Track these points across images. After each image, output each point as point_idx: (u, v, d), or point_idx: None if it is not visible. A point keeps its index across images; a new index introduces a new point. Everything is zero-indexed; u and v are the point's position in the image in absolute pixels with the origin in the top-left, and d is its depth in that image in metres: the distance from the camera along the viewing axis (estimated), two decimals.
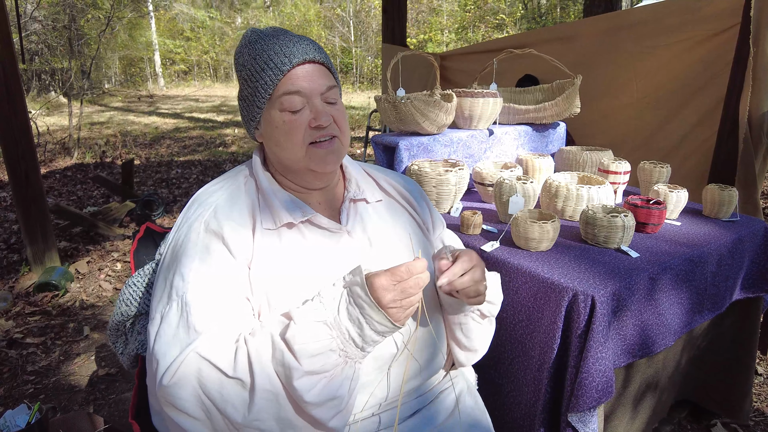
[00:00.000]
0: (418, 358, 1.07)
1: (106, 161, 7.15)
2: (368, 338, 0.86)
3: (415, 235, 1.15)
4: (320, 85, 0.99)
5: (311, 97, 0.98)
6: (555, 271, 1.44)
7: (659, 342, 1.53)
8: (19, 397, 2.32)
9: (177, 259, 0.96)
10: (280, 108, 0.98)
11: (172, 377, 0.84)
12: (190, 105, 14.35)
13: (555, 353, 1.39)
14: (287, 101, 0.97)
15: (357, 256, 1.04)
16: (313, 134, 0.99)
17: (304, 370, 0.82)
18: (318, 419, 0.85)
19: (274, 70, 0.96)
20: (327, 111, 0.99)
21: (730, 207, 1.90)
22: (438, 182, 1.87)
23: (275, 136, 1.00)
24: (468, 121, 2.23)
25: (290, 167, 1.03)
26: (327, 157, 1.00)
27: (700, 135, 2.93)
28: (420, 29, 18.24)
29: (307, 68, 0.98)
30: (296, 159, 1.00)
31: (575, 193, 1.81)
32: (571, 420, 1.38)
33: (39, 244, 3.41)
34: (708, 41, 2.84)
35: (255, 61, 0.98)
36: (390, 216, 1.14)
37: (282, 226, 1.00)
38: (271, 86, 0.97)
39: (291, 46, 0.97)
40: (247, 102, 1.03)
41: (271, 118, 1.00)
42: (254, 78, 0.98)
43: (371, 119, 5.91)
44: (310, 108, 0.98)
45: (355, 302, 0.86)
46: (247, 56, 1.00)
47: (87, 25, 10.89)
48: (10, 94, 3.11)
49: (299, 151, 0.99)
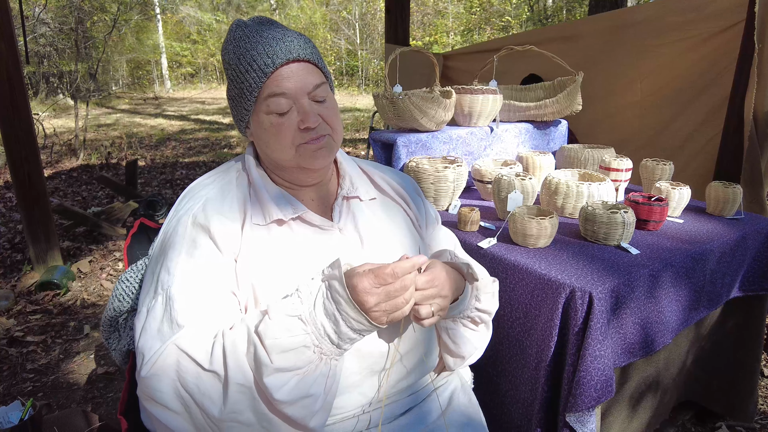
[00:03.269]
0: (408, 358, 1.05)
1: (111, 162, 7.18)
2: (344, 336, 0.83)
3: (409, 234, 1.13)
4: (306, 84, 0.96)
5: (297, 98, 0.95)
6: (552, 267, 1.42)
7: (658, 340, 1.50)
8: (18, 395, 2.32)
9: (164, 253, 0.95)
10: (267, 111, 0.95)
11: (151, 369, 0.82)
12: (196, 107, 14.42)
13: (552, 352, 1.37)
14: (273, 104, 0.94)
15: (347, 255, 1.01)
16: (303, 136, 0.96)
17: (274, 366, 0.79)
18: (291, 418, 0.82)
19: (257, 72, 0.93)
20: (315, 111, 0.97)
21: (734, 204, 1.86)
22: (436, 179, 1.85)
23: (264, 137, 0.98)
24: (467, 119, 2.21)
25: (281, 165, 1.01)
26: (317, 152, 0.98)
27: (705, 134, 2.89)
28: (425, 31, 18.23)
29: (293, 68, 0.95)
30: (286, 159, 0.98)
31: (575, 189, 1.78)
32: (568, 420, 1.35)
33: (42, 243, 3.42)
34: (712, 39, 2.81)
35: (239, 62, 0.95)
36: (385, 214, 1.12)
37: (272, 222, 0.98)
38: (255, 89, 0.94)
39: (274, 45, 0.93)
40: (235, 102, 1.00)
41: (259, 120, 0.98)
42: (239, 79, 0.96)
43: (374, 120, 5.90)
44: (298, 109, 0.96)
45: (332, 297, 0.82)
46: (232, 54, 0.97)
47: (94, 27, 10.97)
48: (14, 97, 3.13)
49: (289, 152, 0.97)
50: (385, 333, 1.00)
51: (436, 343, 1.13)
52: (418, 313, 0.90)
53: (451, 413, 1.13)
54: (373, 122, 5.81)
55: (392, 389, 1.04)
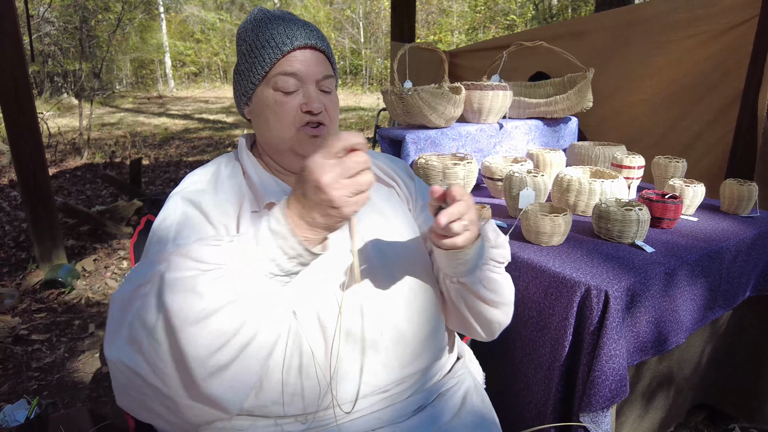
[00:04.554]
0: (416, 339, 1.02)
1: (115, 161, 7.19)
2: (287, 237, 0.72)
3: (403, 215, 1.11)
4: (317, 72, 0.99)
5: (306, 82, 0.98)
6: (567, 265, 1.39)
7: (672, 339, 1.48)
8: (23, 393, 2.30)
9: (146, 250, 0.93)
10: (274, 87, 0.97)
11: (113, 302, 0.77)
12: (199, 106, 14.43)
13: (566, 351, 1.34)
14: (282, 81, 0.97)
15: (341, 239, 0.99)
16: (303, 118, 0.98)
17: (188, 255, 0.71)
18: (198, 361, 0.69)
19: (274, 49, 0.96)
20: (320, 99, 0.99)
21: (749, 202, 1.83)
22: (445, 176, 1.82)
23: (265, 113, 0.99)
24: (477, 115, 2.18)
25: (275, 147, 1.01)
26: (314, 140, 0.99)
27: (716, 131, 2.85)
28: (430, 30, 18.20)
29: (307, 53, 0.98)
30: (283, 139, 0.99)
31: (588, 187, 1.75)
32: (582, 420, 1.32)
33: (46, 242, 3.41)
34: (724, 35, 2.77)
35: (257, 37, 0.98)
36: (378, 198, 1.11)
37: (265, 207, 0.97)
38: (268, 64, 0.97)
39: (295, 29, 0.97)
40: (242, 76, 1.02)
41: (263, 96, 0.99)
42: (253, 54, 0.98)
43: (379, 118, 5.87)
44: (304, 92, 0.98)
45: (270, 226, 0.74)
46: (250, 31, 1.00)
47: (98, 27, 10.99)
48: (19, 96, 3.12)
49: (287, 131, 0.98)
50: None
51: (441, 322, 1.09)
52: (452, 230, 0.82)
53: (464, 414, 1.10)
54: (378, 120, 5.78)
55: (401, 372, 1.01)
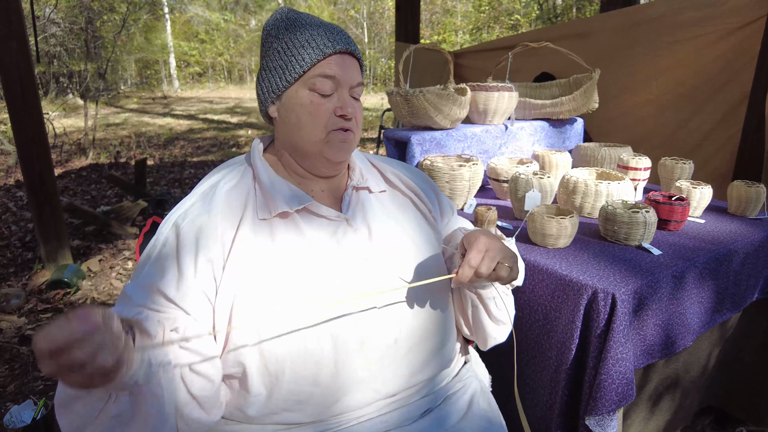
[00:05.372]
0: (422, 349, 1.02)
1: (120, 161, 7.21)
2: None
3: (418, 228, 1.11)
4: (353, 78, 1.00)
5: (343, 86, 0.98)
6: (573, 268, 1.39)
7: (679, 342, 1.47)
8: (29, 394, 2.31)
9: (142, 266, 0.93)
10: (311, 87, 0.97)
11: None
12: (204, 107, 14.46)
13: (573, 354, 1.33)
14: (320, 83, 0.96)
15: (354, 246, 0.99)
16: (336, 122, 0.98)
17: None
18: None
19: (315, 50, 0.96)
20: (353, 104, 1.00)
21: (757, 204, 1.82)
22: (451, 177, 1.81)
23: (297, 112, 0.98)
24: (482, 116, 2.18)
25: (302, 149, 1.00)
26: (342, 145, 0.99)
27: (723, 133, 2.83)
28: (434, 30, 18.17)
29: (347, 59, 0.99)
30: (313, 141, 0.98)
31: (594, 188, 1.75)
32: (588, 424, 1.32)
33: (52, 242, 3.42)
34: (731, 35, 2.75)
35: (295, 36, 0.97)
36: (395, 207, 1.11)
37: (276, 215, 0.96)
38: (308, 64, 0.96)
39: (335, 34, 0.98)
40: (273, 74, 0.99)
41: (297, 95, 0.98)
42: (290, 52, 0.97)
43: (383, 119, 5.87)
44: (339, 96, 0.98)
45: None
46: (284, 30, 0.99)
47: (103, 27, 11.03)
48: (25, 96, 3.13)
49: (319, 133, 0.97)
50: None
51: (452, 332, 1.10)
52: (500, 276, 0.92)
53: (471, 417, 1.10)
54: (383, 121, 5.78)
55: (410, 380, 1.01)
